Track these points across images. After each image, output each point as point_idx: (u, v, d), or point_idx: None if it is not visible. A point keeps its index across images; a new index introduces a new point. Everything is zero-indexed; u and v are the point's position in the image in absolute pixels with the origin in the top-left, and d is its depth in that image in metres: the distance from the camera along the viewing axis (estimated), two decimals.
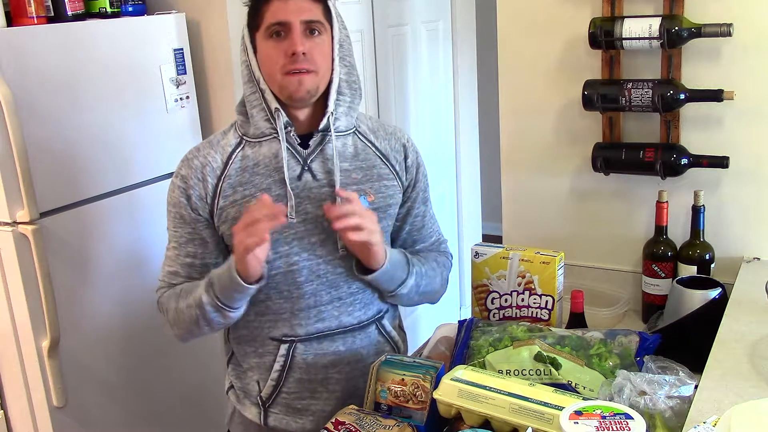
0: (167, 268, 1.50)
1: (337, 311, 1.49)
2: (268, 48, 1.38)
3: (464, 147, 3.78)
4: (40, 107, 1.98)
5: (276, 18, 1.36)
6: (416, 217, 1.60)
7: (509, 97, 2.04)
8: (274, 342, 1.49)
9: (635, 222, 1.93)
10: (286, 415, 1.52)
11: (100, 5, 2.24)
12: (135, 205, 2.27)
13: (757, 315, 1.52)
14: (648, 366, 1.32)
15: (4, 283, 1.97)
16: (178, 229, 1.47)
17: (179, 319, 1.46)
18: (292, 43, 1.36)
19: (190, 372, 2.48)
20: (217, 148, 1.46)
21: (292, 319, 1.47)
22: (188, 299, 1.43)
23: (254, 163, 1.44)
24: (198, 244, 1.47)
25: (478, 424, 1.26)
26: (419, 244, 1.63)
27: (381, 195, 1.50)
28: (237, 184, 1.43)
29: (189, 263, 1.48)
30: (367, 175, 1.49)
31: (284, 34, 1.36)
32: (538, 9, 1.93)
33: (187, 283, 1.48)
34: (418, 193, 1.58)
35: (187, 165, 1.46)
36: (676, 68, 1.77)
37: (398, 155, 1.54)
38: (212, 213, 1.44)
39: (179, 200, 1.45)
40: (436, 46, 3.52)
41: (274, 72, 1.39)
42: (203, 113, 2.53)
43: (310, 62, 1.37)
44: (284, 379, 1.50)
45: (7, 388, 2.10)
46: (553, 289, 1.64)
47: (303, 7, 1.37)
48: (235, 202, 1.43)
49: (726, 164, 1.74)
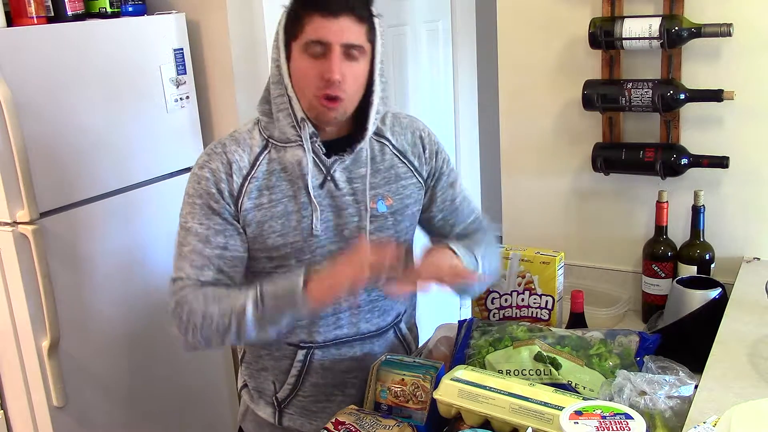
0: (192, 262, 1.39)
1: (355, 318, 1.49)
2: (303, 63, 1.33)
3: (464, 147, 3.78)
4: (40, 107, 1.98)
5: (317, 36, 1.30)
6: (445, 202, 1.56)
7: (509, 97, 2.04)
8: (291, 347, 1.49)
9: (635, 222, 1.93)
10: (301, 416, 1.53)
11: (100, 5, 2.23)
12: (135, 205, 2.27)
13: (757, 315, 1.52)
14: (648, 366, 1.32)
15: (4, 283, 1.97)
16: (205, 221, 1.39)
17: (205, 324, 1.35)
18: (330, 69, 1.30)
19: (190, 372, 2.48)
20: (244, 147, 1.41)
21: (311, 326, 1.46)
22: (222, 306, 1.34)
23: (282, 168, 1.40)
24: (229, 235, 1.40)
25: (478, 424, 1.26)
26: (459, 227, 1.59)
27: (399, 197, 1.48)
28: (263, 187, 1.40)
29: (219, 255, 1.39)
30: (385, 178, 1.46)
31: (323, 54, 1.31)
32: (538, 9, 1.93)
33: (217, 288, 1.38)
34: (441, 179, 1.55)
35: (216, 159, 1.40)
36: (676, 68, 1.77)
37: (416, 149, 1.51)
38: (237, 212, 1.40)
39: (209, 191, 1.38)
40: (436, 46, 3.51)
41: (305, 88, 1.34)
42: (203, 113, 2.52)
43: (342, 89, 1.33)
44: (301, 383, 1.50)
45: (7, 388, 2.10)
46: (553, 289, 1.65)
47: (348, 28, 1.30)
48: (261, 206, 1.40)
49: (726, 164, 1.74)
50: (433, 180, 1.54)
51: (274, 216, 1.40)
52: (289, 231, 1.40)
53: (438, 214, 1.57)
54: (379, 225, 1.46)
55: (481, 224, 1.62)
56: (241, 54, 2.45)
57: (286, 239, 1.40)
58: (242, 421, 1.63)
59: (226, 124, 2.50)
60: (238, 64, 2.44)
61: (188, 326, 1.36)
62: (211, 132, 2.53)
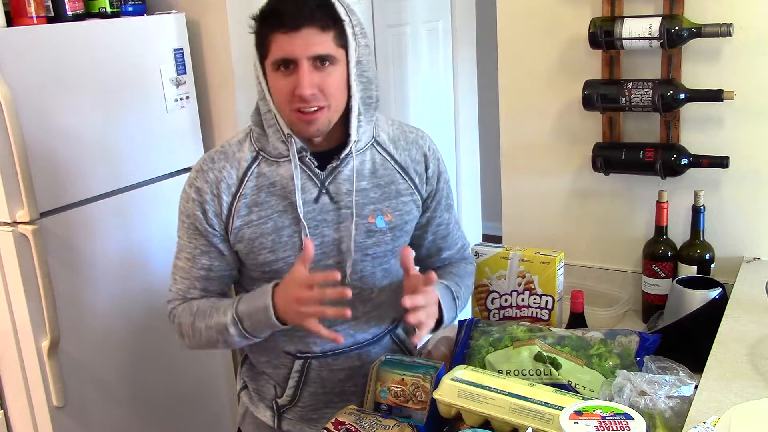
0: (180, 281, 1.44)
1: (352, 330, 1.48)
2: (276, 80, 1.31)
3: (464, 147, 3.78)
4: (40, 107, 1.98)
5: (283, 53, 1.27)
6: (440, 226, 1.56)
7: (509, 97, 2.04)
8: (289, 356, 1.49)
9: (635, 222, 1.93)
10: (300, 422, 1.53)
11: (100, 5, 2.23)
12: (135, 205, 2.27)
13: (757, 315, 1.52)
14: (648, 366, 1.32)
15: (4, 283, 1.97)
16: (192, 240, 1.41)
17: (194, 335, 1.42)
18: (299, 84, 1.27)
19: (190, 372, 2.48)
20: (233, 162, 1.39)
21: (307, 338, 1.46)
22: (207, 321, 1.39)
23: (270, 183, 1.38)
24: (214, 257, 1.42)
25: (478, 424, 1.26)
26: (445, 252, 1.59)
27: (398, 212, 1.45)
28: (252, 203, 1.38)
29: (204, 276, 1.43)
30: (384, 193, 1.44)
31: (292, 68, 1.28)
32: (538, 9, 1.93)
33: (203, 301, 1.43)
34: (440, 202, 1.53)
35: (202, 177, 1.39)
36: (676, 68, 1.77)
37: (419, 167, 1.48)
38: (227, 230, 1.39)
39: (194, 212, 1.39)
40: (436, 46, 3.52)
41: (282, 104, 1.33)
42: (203, 113, 2.52)
43: (320, 98, 1.30)
44: (300, 393, 1.50)
45: (7, 388, 2.10)
46: (553, 289, 1.65)
47: (311, 41, 1.27)
48: (250, 223, 1.39)
49: (726, 164, 1.74)
50: (432, 200, 1.52)
51: (264, 233, 1.38)
52: (280, 247, 1.39)
53: (430, 236, 1.56)
54: (377, 240, 1.44)
55: (465, 253, 1.63)
56: (241, 54, 2.45)
57: (278, 255, 1.39)
58: (242, 423, 1.63)
59: (226, 124, 2.50)
60: (238, 64, 2.44)
61: (182, 335, 1.46)
62: (211, 132, 2.53)
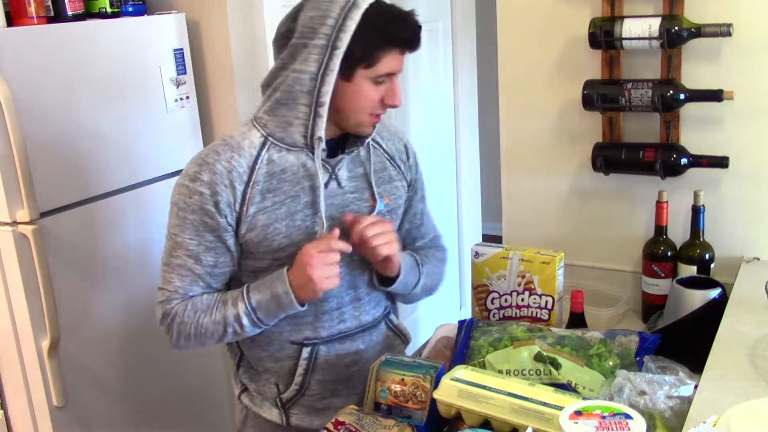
0: (181, 277, 1.41)
1: (357, 311, 1.52)
2: (368, 89, 1.38)
3: (464, 147, 3.78)
4: (40, 107, 1.98)
5: (391, 69, 1.37)
6: (415, 215, 1.63)
7: (509, 97, 2.04)
8: (295, 345, 1.49)
9: (635, 222, 1.93)
10: (308, 414, 1.54)
11: (100, 5, 2.24)
12: (134, 205, 2.27)
13: (757, 315, 1.52)
14: (648, 366, 1.32)
15: (4, 283, 1.97)
16: (196, 237, 1.38)
17: (197, 332, 1.41)
18: (396, 95, 1.39)
19: (190, 372, 2.48)
20: (241, 152, 1.38)
21: (316, 322, 1.48)
22: (214, 315, 1.40)
23: (281, 169, 1.40)
24: (221, 252, 1.41)
25: (478, 424, 1.26)
26: (419, 241, 1.66)
27: (393, 196, 1.54)
28: (265, 190, 1.39)
29: (209, 272, 1.41)
30: (380, 178, 1.52)
31: (386, 81, 1.39)
32: (538, 9, 1.93)
33: (204, 297, 1.42)
34: (416, 192, 1.62)
35: (209, 170, 1.36)
36: (676, 68, 1.77)
37: (402, 155, 1.58)
38: (239, 220, 1.39)
39: (203, 206, 1.36)
40: (436, 46, 3.51)
41: (365, 109, 1.40)
42: (203, 113, 2.52)
43: None
44: (308, 382, 1.51)
45: (7, 388, 2.10)
46: (553, 289, 1.64)
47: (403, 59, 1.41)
48: (265, 209, 1.39)
49: (726, 164, 1.74)
50: (411, 190, 1.60)
51: (279, 218, 1.40)
52: (293, 231, 1.41)
53: (406, 224, 1.63)
54: None
55: (437, 242, 1.70)
56: (241, 54, 2.45)
57: (292, 239, 1.41)
58: (242, 428, 1.62)
59: (226, 124, 2.50)
60: (238, 64, 2.44)
61: (179, 335, 1.43)
62: (211, 132, 2.53)
